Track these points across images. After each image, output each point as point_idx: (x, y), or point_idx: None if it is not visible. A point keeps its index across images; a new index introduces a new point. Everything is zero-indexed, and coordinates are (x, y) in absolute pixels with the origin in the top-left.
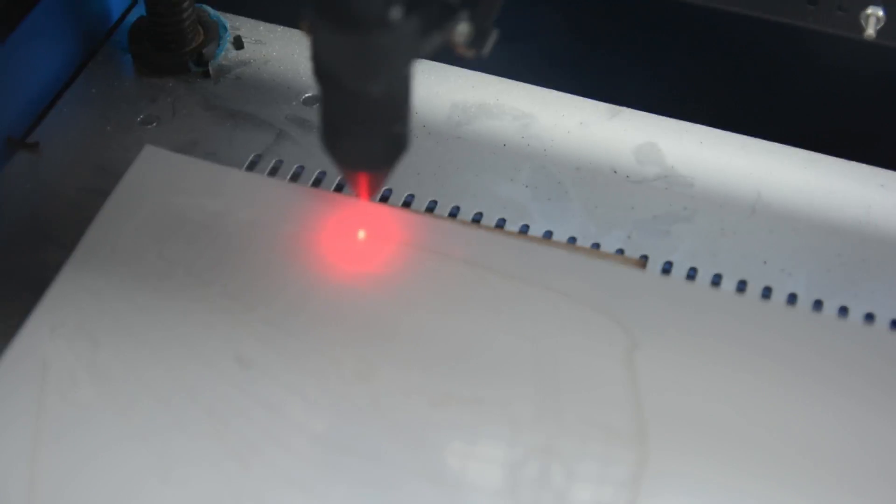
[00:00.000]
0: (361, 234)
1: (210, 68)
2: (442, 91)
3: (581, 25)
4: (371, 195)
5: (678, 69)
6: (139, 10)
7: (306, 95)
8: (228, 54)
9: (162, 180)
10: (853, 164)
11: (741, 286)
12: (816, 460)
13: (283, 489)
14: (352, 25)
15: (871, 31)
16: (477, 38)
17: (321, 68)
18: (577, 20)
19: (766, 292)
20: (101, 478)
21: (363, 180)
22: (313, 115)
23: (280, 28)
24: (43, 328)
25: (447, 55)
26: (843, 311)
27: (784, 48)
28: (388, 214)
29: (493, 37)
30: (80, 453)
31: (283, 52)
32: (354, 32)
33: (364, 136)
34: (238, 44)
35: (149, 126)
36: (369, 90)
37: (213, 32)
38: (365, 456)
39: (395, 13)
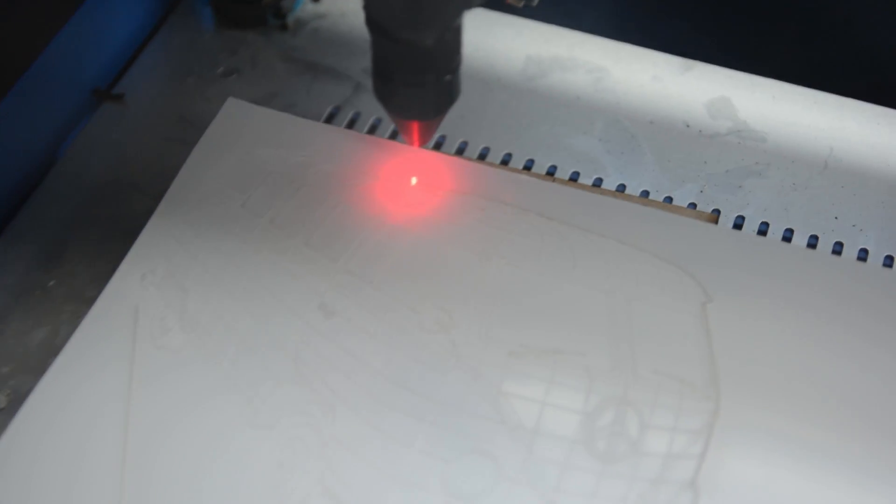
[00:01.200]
0: (442, 188)
1: (288, 21)
2: (516, 45)
3: None
4: (422, 143)
5: (751, 24)
6: None
7: None
8: (306, 7)
9: (245, 132)
10: None
11: (812, 241)
12: (881, 417)
13: (365, 433)
14: None
15: None
16: None
17: (374, 19)
18: None
19: (838, 247)
20: (191, 420)
21: (415, 129)
22: None
23: None
24: (133, 275)
25: (525, 7)
26: None
27: (856, 2)
28: (466, 168)
29: None
30: (172, 397)
31: (358, 5)
32: None
33: (416, 86)
34: None
35: (229, 78)
36: (421, 40)
37: None
38: (445, 404)
39: None
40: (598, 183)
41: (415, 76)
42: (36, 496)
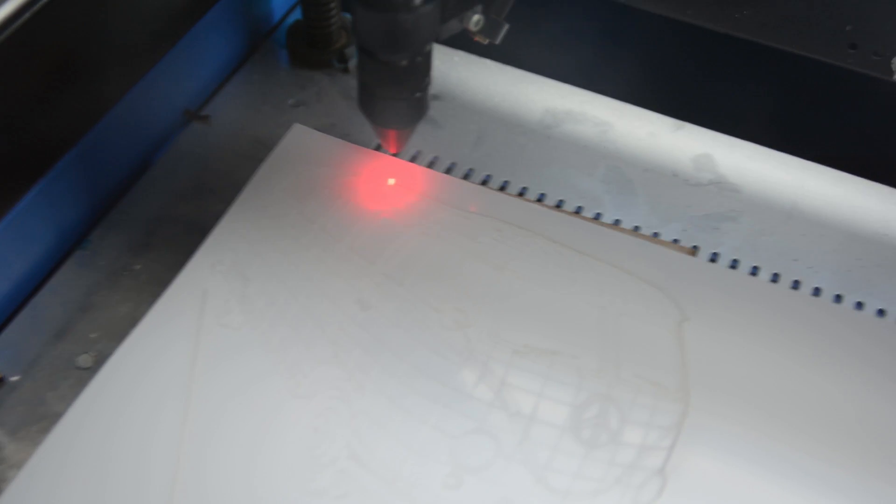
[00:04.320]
0: (466, 210)
1: (349, 66)
2: (537, 99)
3: (656, 55)
4: (398, 149)
5: (735, 95)
6: (296, 15)
7: None
8: None
9: (306, 153)
10: (876, 184)
11: (774, 278)
12: (824, 426)
13: (388, 409)
14: (383, 7)
15: None
16: (490, 28)
17: (360, 42)
18: (654, 51)
19: (796, 284)
20: (244, 386)
21: (392, 136)
22: (432, 110)
23: None
24: (204, 264)
25: (546, 68)
26: (859, 305)
27: (826, 84)
28: (488, 196)
29: (504, 28)
30: (229, 365)
31: None
32: (385, 13)
33: (392, 100)
34: None
35: (297, 108)
36: (397, 62)
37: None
38: (457, 389)
39: (418, 0)
40: (597, 216)
41: (392, 92)
42: (116, 436)
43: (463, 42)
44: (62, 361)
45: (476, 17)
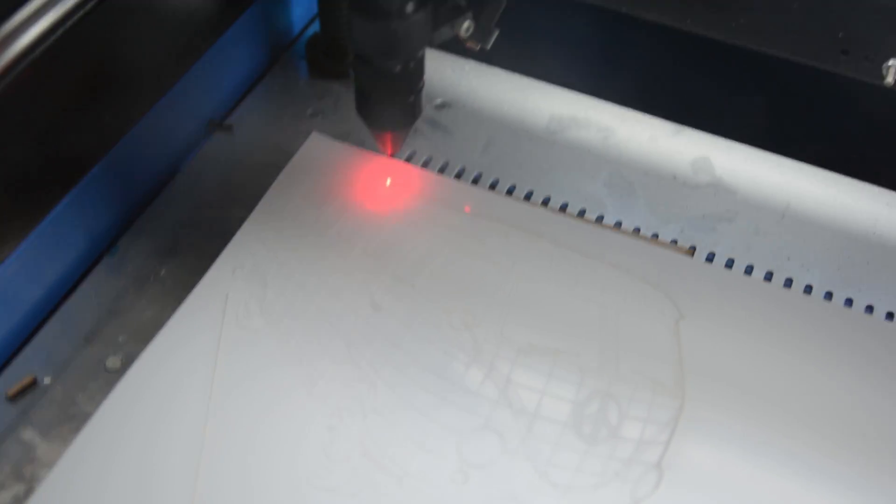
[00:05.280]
0: (474, 214)
1: None
2: (542, 105)
3: (657, 63)
4: (394, 151)
5: (732, 100)
6: (314, 28)
7: (437, 101)
8: None
9: (323, 160)
10: (866, 184)
11: (768, 276)
12: (815, 418)
13: (399, 407)
14: (376, 15)
15: (889, 80)
16: (480, 34)
17: (356, 49)
18: (655, 59)
19: (788, 283)
20: (263, 385)
21: (387, 138)
22: (443, 117)
23: None
24: (226, 268)
25: (551, 74)
26: (849, 301)
27: (818, 88)
28: (495, 200)
29: (495, 34)
30: (249, 366)
31: None
32: (378, 20)
33: (386, 104)
34: None
35: (316, 118)
36: (391, 67)
37: None
38: (464, 388)
39: (409, 8)
40: (600, 219)
41: (387, 96)
42: (143, 434)
43: (473, 51)
44: (92, 363)
45: (467, 24)
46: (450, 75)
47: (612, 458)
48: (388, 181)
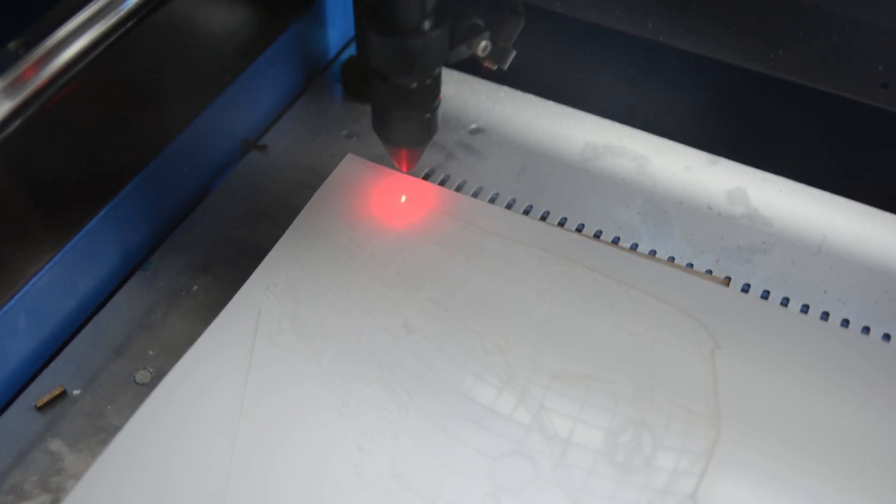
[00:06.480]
0: (508, 238)
1: None
2: (578, 133)
3: (692, 92)
4: (409, 167)
5: (768, 131)
6: (350, 51)
7: (472, 126)
8: None
9: (357, 181)
10: None
11: (804, 308)
12: (848, 451)
13: (430, 430)
14: (394, 32)
15: None
16: (498, 54)
17: (373, 66)
18: (690, 88)
19: (825, 315)
20: (293, 404)
21: (403, 155)
22: (477, 142)
23: (455, 73)
24: (259, 286)
25: (586, 103)
26: (887, 336)
27: (857, 121)
28: (529, 225)
29: (512, 54)
30: (280, 383)
31: (456, 92)
32: (396, 38)
33: (402, 120)
34: None
35: (350, 140)
36: (407, 84)
37: None
38: (497, 412)
39: (427, 25)
40: (634, 247)
41: (403, 113)
42: (172, 448)
43: (507, 77)
44: (121, 377)
45: (484, 44)
46: (484, 101)
47: (646, 489)
48: (424, 204)
